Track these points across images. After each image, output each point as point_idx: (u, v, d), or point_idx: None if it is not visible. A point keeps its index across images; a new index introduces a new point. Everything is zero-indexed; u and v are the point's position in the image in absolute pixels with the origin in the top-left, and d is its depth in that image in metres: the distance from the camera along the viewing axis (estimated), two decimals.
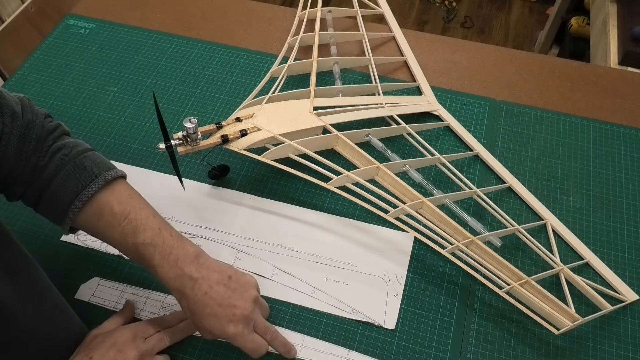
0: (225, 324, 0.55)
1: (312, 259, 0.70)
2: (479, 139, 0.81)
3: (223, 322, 0.55)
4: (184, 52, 0.95)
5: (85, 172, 0.57)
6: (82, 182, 0.57)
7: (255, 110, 0.74)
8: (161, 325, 0.62)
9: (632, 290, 0.67)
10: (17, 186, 0.58)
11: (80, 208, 0.57)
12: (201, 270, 0.56)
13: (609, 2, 1.44)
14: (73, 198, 0.56)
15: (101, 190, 0.57)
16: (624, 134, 0.82)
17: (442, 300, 0.66)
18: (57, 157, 0.58)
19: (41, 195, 0.58)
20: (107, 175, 0.58)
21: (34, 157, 0.57)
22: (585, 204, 0.75)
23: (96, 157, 0.60)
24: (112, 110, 0.87)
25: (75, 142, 0.61)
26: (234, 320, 0.56)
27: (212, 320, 0.55)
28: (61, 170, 0.57)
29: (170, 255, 0.56)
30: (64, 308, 0.60)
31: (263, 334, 0.58)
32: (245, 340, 0.56)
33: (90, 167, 0.58)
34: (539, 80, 0.90)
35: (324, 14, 0.95)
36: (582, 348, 0.63)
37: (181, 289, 0.55)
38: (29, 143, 0.57)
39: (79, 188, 0.57)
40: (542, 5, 2.41)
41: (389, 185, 0.70)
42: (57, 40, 0.98)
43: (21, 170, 0.57)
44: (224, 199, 0.76)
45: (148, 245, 0.56)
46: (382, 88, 0.85)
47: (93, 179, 0.57)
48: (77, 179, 0.57)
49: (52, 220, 0.60)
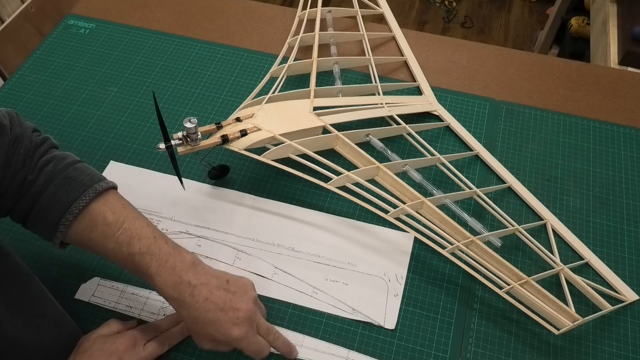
0: (229, 328, 0.55)
1: (312, 259, 0.70)
2: (479, 139, 0.81)
3: (227, 327, 0.55)
4: (184, 52, 0.95)
5: (76, 184, 0.56)
6: (73, 194, 0.55)
7: (255, 110, 0.74)
8: (159, 330, 0.61)
9: (632, 290, 0.67)
10: (5, 200, 0.56)
11: (72, 220, 0.55)
12: (199, 276, 0.56)
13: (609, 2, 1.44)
14: (64, 210, 0.55)
15: (93, 201, 0.56)
16: (624, 134, 0.82)
17: (442, 300, 0.66)
18: (46, 170, 0.56)
19: (31, 210, 0.56)
20: (98, 187, 0.57)
21: (22, 171, 0.56)
22: (585, 204, 0.75)
23: (86, 168, 0.59)
24: (112, 110, 0.87)
25: (64, 155, 0.59)
26: (238, 324, 0.55)
27: (215, 326, 0.55)
28: (51, 183, 0.56)
29: (167, 263, 0.55)
30: (58, 318, 0.60)
31: (265, 335, 0.58)
32: (250, 343, 0.56)
33: (80, 179, 0.57)
34: (539, 80, 0.90)
35: (324, 14, 0.95)
36: (582, 348, 0.63)
37: (180, 297, 0.55)
38: (17, 157, 0.56)
39: (70, 200, 0.55)
40: (542, 5, 2.41)
41: (389, 185, 0.70)
42: (57, 40, 0.98)
43: (9, 185, 0.55)
44: (224, 199, 0.76)
45: (144, 254, 0.55)
46: (382, 88, 0.85)
47: (84, 190, 0.56)
48: (67, 191, 0.56)
49: (42, 234, 0.58)
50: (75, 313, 0.65)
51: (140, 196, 0.76)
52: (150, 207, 0.75)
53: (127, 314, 0.65)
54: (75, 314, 0.65)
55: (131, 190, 0.76)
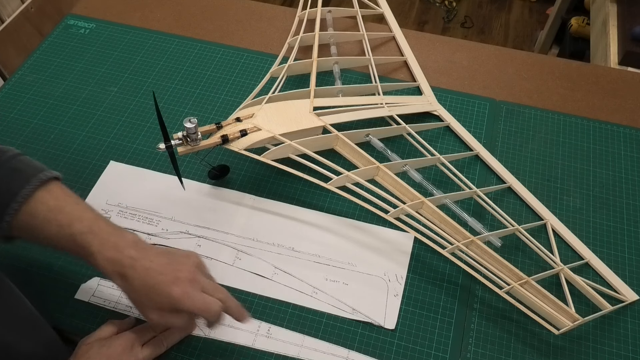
0: (169, 287, 0.53)
1: (312, 259, 0.70)
2: (479, 139, 0.81)
3: (167, 287, 0.53)
4: (184, 52, 0.95)
5: (21, 174, 0.56)
6: (19, 184, 0.56)
7: (255, 110, 0.74)
8: (156, 330, 0.61)
9: (632, 290, 0.67)
10: None
11: (17, 209, 0.55)
12: (140, 251, 0.55)
13: (609, 2, 1.43)
14: (10, 200, 0.55)
15: (38, 189, 0.56)
16: (624, 134, 0.82)
17: (442, 300, 0.66)
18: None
19: None
20: (43, 176, 0.57)
21: None
22: (585, 204, 0.75)
23: (29, 160, 0.59)
24: (112, 110, 0.87)
25: (6, 148, 0.59)
26: (177, 283, 0.53)
27: (156, 289, 0.53)
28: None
29: (108, 242, 0.55)
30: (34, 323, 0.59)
31: (213, 293, 0.56)
32: (195, 299, 0.53)
33: (25, 170, 0.57)
34: (539, 80, 0.90)
35: (324, 14, 0.95)
36: (582, 348, 0.63)
37: (122, 271, 0.54)
38: None
39: (15, 189, 0.55)
40: (542, 5, 2.41)
41: (389, 185, 0.70)
42: (57, 40, 0.98)
43: None
44: (224, 199, 0.76)
45: (86, 234, 0.55)
46: (382, 88, 0.85)
47: (29, 180, 0.56)
48: (13, 181, 0.56)
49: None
50: (75, 313, 0.66)
51: (140, 196, 0.76)
52: (150, 207, 0.75)
53: (127, 314, 0.65)
54: (75, 314, 0.66)
55: (131, 190, 0.77)
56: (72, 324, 0.65)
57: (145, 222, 0.73)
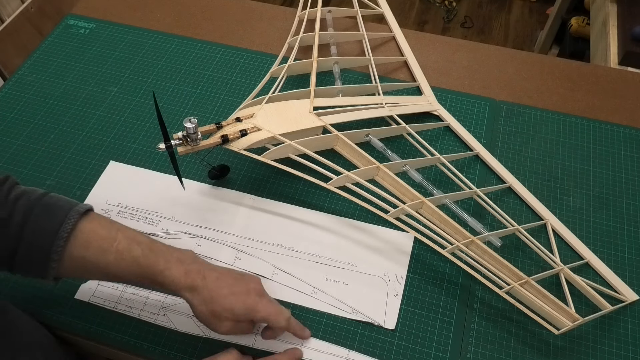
0: (244, 298, 0.56)
1: (312, 259, 0.70)
2: (479, 139, 0.81)
3: (242, 297, 0.56)
4: (184, 52, 0.95)
5: (57, 209, 0.55)
6: (58, 220, 0.54)
7: (255, 110, 0.74)
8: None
9: (632, 290, 0.67)
10: None
11: (63, 246, 0.53)
12: (203, 264, 0.58)
13: (609, 2, 1.43)
14: (53, 237, 0.53)
15: (79, 221, 0.55)
16: (624, 134, 0.82)
17: (442, 300, 0.66)
18: (20, 204, 0.54)
19: (16, 249, 0.53)
20: (80, 208, 0.56)
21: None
22: (585, 204, 0.75)
23: (60, 196, 0.57)
24: (112, 110, 0.87)
25: (32, 188, 0.58)
26: (249, 292, 0.57)
27: (231, 299, 0.56)
28: (30, 215, 0.54)
29: (172, 258, 0.56)
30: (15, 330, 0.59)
31: None
32: (268, 306, 0.57)
33: (60, 204, 0.56)
34: (539, 80, 0.90)
35: (324, 14, 0.95)
36: (582, 348, 0.63)
37: (193, 283, 0.56)
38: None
39: (56, 226, 0.53)
40: (542, 5, 2.41)
41: (389, 185, 0.70)
42: (57, 40, 0.98)
43: None
44: (224, 199, 0.76)
45: (148, 255, 0.55)
46: (382, 88, 0.85)
47: (66, 213, 0.54)
48: (50, 218, 0.54)
49: (33, 272, 0.55)
50: (76, 313, 0.66)
51: (140, 196, 0.76)
52: (150, 207, 0.75)
53: (127, 314, 0.65)
54: (76, 314, 0.66)
55: (131, 190, 0.77)
56: (72, 324, 0.65)
57: (145, 222, 0.73)
